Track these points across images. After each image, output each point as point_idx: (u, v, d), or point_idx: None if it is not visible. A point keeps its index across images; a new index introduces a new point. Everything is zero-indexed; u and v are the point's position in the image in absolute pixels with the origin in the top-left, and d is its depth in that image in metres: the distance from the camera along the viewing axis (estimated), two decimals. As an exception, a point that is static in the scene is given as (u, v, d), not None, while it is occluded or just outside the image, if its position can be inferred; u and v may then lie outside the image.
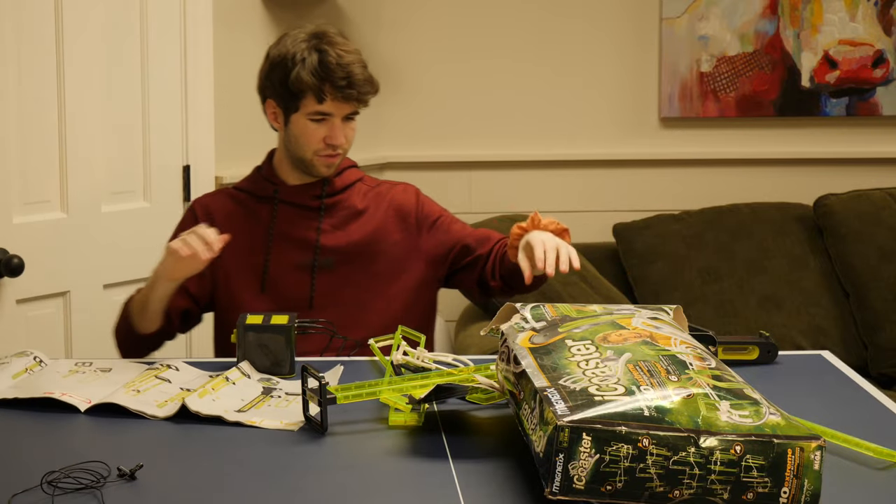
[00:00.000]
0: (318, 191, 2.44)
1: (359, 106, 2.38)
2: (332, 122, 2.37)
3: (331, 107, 2.35)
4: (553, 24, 3.96)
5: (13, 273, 2.54)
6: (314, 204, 2.44)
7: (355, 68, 2.34)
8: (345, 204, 2.46)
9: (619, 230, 3.84)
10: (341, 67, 2.32)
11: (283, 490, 1.59)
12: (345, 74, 2.33)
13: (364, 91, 2.35)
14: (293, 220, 2.44)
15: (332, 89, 2.33)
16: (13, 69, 2.56)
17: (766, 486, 1.44)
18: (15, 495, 1.53)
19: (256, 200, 2.46)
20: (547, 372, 1.60)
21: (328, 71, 2.32)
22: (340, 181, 2.46)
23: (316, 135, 2.38)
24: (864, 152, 4.03)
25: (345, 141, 2.39)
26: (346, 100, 2.34)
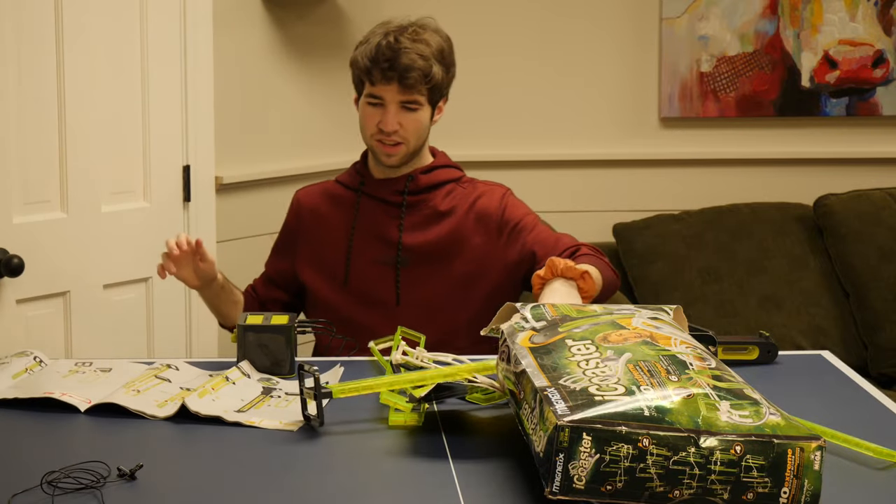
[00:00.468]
0: (401, 186, 2.45)
1: (409, 92, 2.37)
2: (386, 107, 2.38)
3: (381, 90, 2.37)
4: (553, 24, 3.96)
5: (13, 273, 2.54)
6: (396, 199, 2.45)
7: (405, 53, 2.34)
8: (428, 203, 2.46)
9: (619, 230, 3.84)
10: (391, 50, 2.34)
11: (283, 490, 1.59)
12: (390, 56, 2.34)
13: (407, 76, 2.34)
14: (376, 214, 2.46)
15: (377, 71, 2.35)
16: (13, 69, 2.56)
17: (766, 486, 1.44)
18: (15, 495, 1.53)
19: (346, 192, 2.51)
20: (547, 372, 1.60)
21: (378, 53, 2.35)
22: (426, 179, 2.47)
23: (371, 119, 2.40)
24: (864, 152, 4.03)
25: (399, 128, 2.38)
26: (389, 81, 2.35)
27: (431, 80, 2.38)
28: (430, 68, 2.37)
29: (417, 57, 2.35)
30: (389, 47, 2.35)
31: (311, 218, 2.51)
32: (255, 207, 3.43)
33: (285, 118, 3.57)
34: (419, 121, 2.40)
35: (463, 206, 2.47)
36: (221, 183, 3.24)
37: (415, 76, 2.35)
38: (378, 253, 2.44)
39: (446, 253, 2.44)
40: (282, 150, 3.57)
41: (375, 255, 2.44)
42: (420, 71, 2.35)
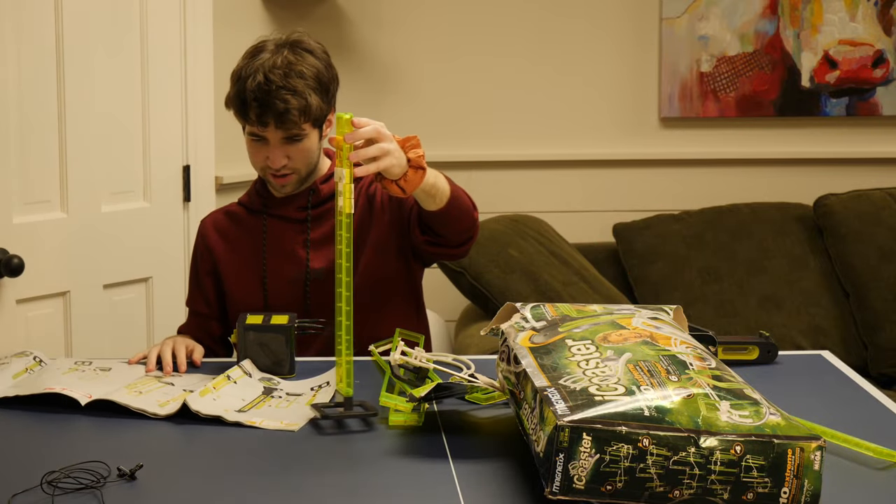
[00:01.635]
0: (303, 202, 2.39)
1: (289, 129, 2.24)
2: (270, 143, 2.28)
3: (259, 130, 2.27)
4: (553, 24, 3.96)
5: (13, 273, 2.54)
6: (300, 216, 2.39)
7: (277, 97, 2.21)
8: (332, 212, 2.37)
9: (619, 230, 3.84)
10: (262, 92, 2.21)
11: (283, 490, 1.59)
12: (263, 100, 2.21)
13: (286, 121, 2.22)
14: (283, 233, 2.39)
15: (253, 114, 2.23)
16: (13, 69, 2.56)
17: (766, 486, 1.44)
18: (15, 495, 1.53)
19: (249, 214, 2.44)
20: (547, 371, 1.61)
21: (248, 96, 2.23)
22: (327, 188, 2.39)
23: (258, 155, 2.31)
24: (864, 152, 4.03)
25: (287, 162, 2.29)
26: (265, 126, 2.25)
27: (311, 114, 2.24)
28: (305, 104, 2.23)
29: (290, 97, 2.21)
30: (260, 89, 2.21)
31: (221, 244, 2.43)
32: (255, 207, 3.42)
33: (285, 118, 3.57)
34: (307, 149, 2.30)
35: (358, 199, 2.39)
36: (221, 183, 3.24)
37: (292, 117, 2.21)
38: (290, 272, 2.38)
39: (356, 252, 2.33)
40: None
41: (288, 275, 2.38)
42: (296, 109, 2.21)
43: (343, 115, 1.84)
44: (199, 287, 2.46)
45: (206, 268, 2.44)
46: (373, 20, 3.87)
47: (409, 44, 3.93)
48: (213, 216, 2.51)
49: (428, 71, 3.94)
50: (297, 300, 2.37)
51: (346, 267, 1.85)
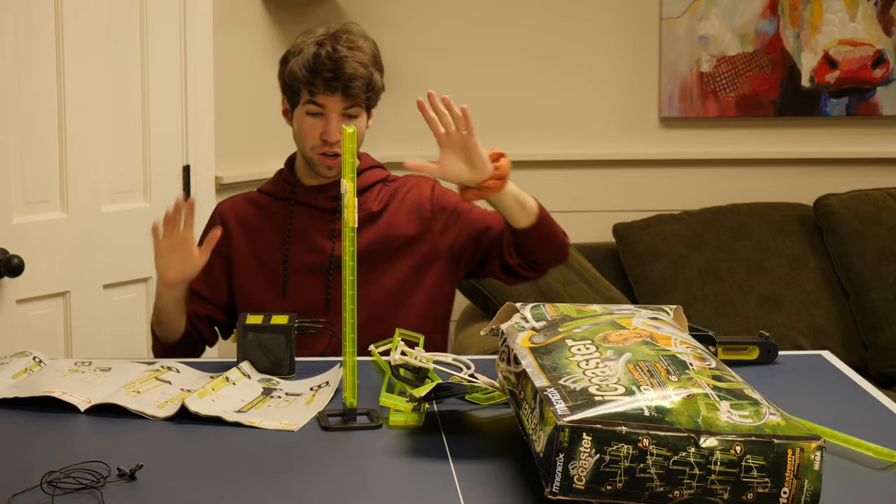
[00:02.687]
0: (334, 192, 2.43)
1: (352, 101, 2.34)
2: (328, 116, 2.35)
3: (323, 100, 2.34)
4: (553, 24, 3.96)
5: (13, 273, 2.54)
6: (329, 206, 2.43)
7: (347, 63, 2.31)
8: (362, 206, 2.43)
9: (619, 230, 3.84)
10: (332, 60, 2.31)
11: (283, 490, 1.59)
12: (332, 66, 2.31)
13: (352, 86, 2.31)
14: (309, 222, 2.43)
15: (320, 81, 2.32)
16: (13, 69, 2.56)
17: (766, 486, 1.44)
18: (15, 495, 1.53)
19: (274, 202, 2.46)
20: (547, 371, 1.61)
21: (318, 63, 2.31)
22: (359, 182, 2.43)
23: (312, 131, 2.37)
24: (864, 152, 4.03)
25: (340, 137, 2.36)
26: (333, 92, 2.32)
27: (373, 87, 2.36)
28: (371, 76, 2.35)
29: (359, 65, 2.32)
30: (329, 57, 2.31)
31: (240, 230, 2.45)
32: (255, 207, 3.43)
33: (285, 118, 3.57)
34: (359, 128, 2.38)
35: (394, 201, 2.46)
36: (221, 183, 3.24)
37: (358, 85, 2.32)
38: (312, 261, 2.41)
39: (385, 252, 2.42)
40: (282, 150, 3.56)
41: (310, 263, 2.41)
42: (363, 79, 2.33)
43: (347, 129, 1.84)
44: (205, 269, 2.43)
45: (218, 249, 2.42)
46: (373, 20, 3.87)
47: (409, 44, 3.93)
48: (233, 202, 2.51)
49: (428, 71, 3.94)
50: (316, 289, 2.38)
51: (350, 280, 1.85)
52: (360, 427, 1.84)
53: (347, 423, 1.85)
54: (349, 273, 1.85)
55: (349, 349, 1.85)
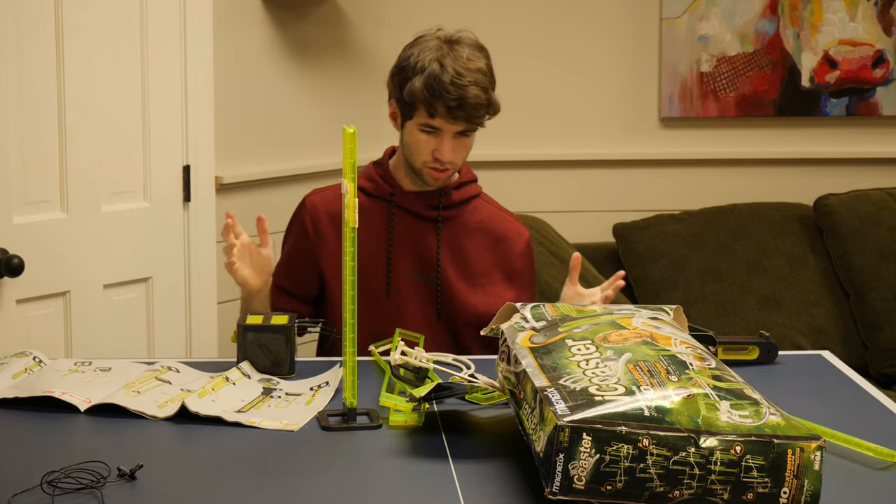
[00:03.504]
0: (435, 201, 2.42)
1: (471, 126, 2.34)
2: (442, 136, 2.33)
3: (441, 122, 2.31)
4: (553, 24, 3.96)
5: (13, 273, 2.54)
6: (431, 214, 2.42)
7: (470, 90, 2.28)
8: (459, 220, 2.44)
9: (619, 230, 3.84)
10: (455, 87, 2.28)
11: (283, 490, 1.59)
12: (458, 95, 2.28)
13: (475, 115, 2.30)
14: (411, 228, 2.41)
15: (442, 107, 2.29)
16: (13, 69, 2.56)
17: (766, 486, 1.44)
18: (15, 495, 1.53)
19: (370, 199, 2.44)
20: (547, 371, 1.61)
21: (442, 88, 2.28)
22: (458, 195, 2.45)
23: (426, 147, 2.34)
24: (864, 152, 4.03)
25: (453, 157, 2.34)
26: (455, 120, 2.30)
27: (493, 111, 2.35)
28: (491, 100, 2.33)
29: (481, 92, 2.30)
30: (453, 83, 2.28)
31: (331, 225, 2.43)
32: (255, 207, 3.42)
33: (285, 118, 3.57)
34: (470, 145, 2.39)
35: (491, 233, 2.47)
36: (221, 183, 3.24)
37: (480, 113, 2.32)
38: (417, 267, 2.41)
39: (477, 273, 2.44)
40: (282, 150, 3.57)
41: (414, 270, 2.41)
42: (485, 107, 2.32)
43: (348, 129, 1.84)
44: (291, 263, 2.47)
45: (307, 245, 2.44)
46: (373, 20, 3.87)
47: (409, 44, 3.93)
48: (324, 195, 2.48)
49: (428, 71, 3.93)
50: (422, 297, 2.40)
51: (350, 280, 1.85)
52: (360, 427, 1.84)
53: (347, 423, 1.85)
54: (349, 273, 1.85)
55: (349, 349, 1.85)
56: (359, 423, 1.86)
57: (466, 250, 2.44)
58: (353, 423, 1.85)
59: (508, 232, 2.50)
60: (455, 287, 2.42)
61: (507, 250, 2.48)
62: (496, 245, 2.47)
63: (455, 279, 2.42)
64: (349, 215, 1.83)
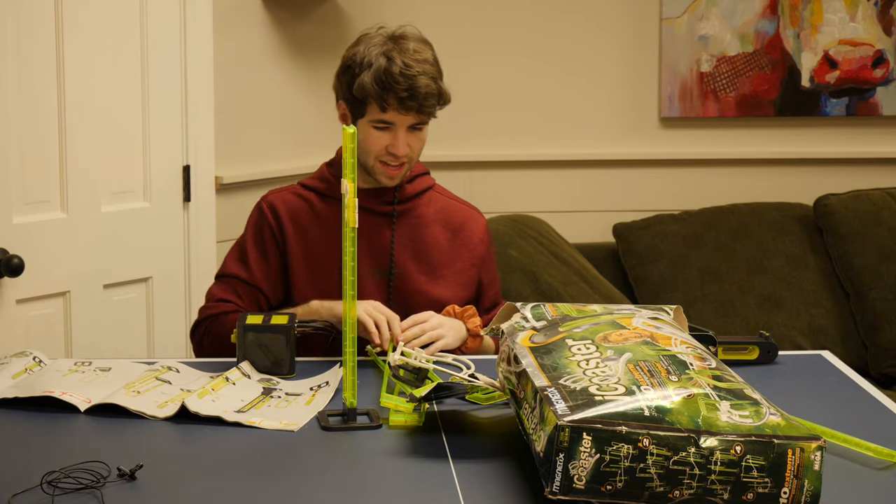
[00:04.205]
0: (389, 197, 2.42)
1: (423, 118, 2.34)
2: (395, 131, 2.32)
3: (393, 116, 2.31)
4: (553, 24, 3.96)
5: (13, 273, 2.54)
6: (385, 210, 2.42)
7: (420, 80, 2.28)
8: (414, 213, 2.44)
9: (619, 230, 3.84)
10: (405, 78, 2.28)
11: (283, 490, 1.59)
12: (408, 86, 2.28)
13: (426, 104, 2.30)
14: (365, 225, 2.38)
15: (394, 100, 2.29)
16: (13, 69, 2.56)
17: (766, 486, 1.44)
18: (15, 495, 1.53)
19: (323, 200, 2.43)
20: (547, 371, 1.60)
21: (392, 80, 2.28)
22: (412, 188, 2.44)
23: (379, 142, 2.34)
24: (864, 152, 4.03)
25: (408, 151, 2.34)
26: (408, 111, 2.30)
27: (444, 101, 2.36)
28: (440, 90, 2.34)
29: (431, 81, 2.31)
30: (402, 74, 2.28)
31: (290, 225, 2.41)
32: (255, 207, 3.43)
33: (285, 118, 3.57)
34: (424, 138, 2.39)
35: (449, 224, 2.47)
36: (221, 183, 3.24)
37: (432, 103, 2.32)
38: (371, 264, 2.40)
39: (438, 264, 2.44)
40: (282, 150, 3.57)
41: (371, 267, 2.40)
42: (434, 96, 2.32)
43: (347, 129, 1.84)
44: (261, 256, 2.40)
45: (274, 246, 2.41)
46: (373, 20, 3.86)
47: (409, 44, 3.92)
48: (281, 196, 2.45)
49: (428, 71, 3.93)
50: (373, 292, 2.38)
51: (350, 281, 1.85)
52: (360, 427, 1.84)
53: (347, 423, 1.85)
54: (349, 273, 1.85)
55: (349, 349, 1.85)
56: (359, 423, 1.86)
57: (426, 243, 2.44)
58: (353, 423, 1.85)
59: (466, 220, 2.50)
60: (415, 280, 2.41)
61: (467, 238, 2.48)
62: (455, 234, 2.47)
63: (415, 272, 2.41)
64: (349, 215, 1.83)
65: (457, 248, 2.47)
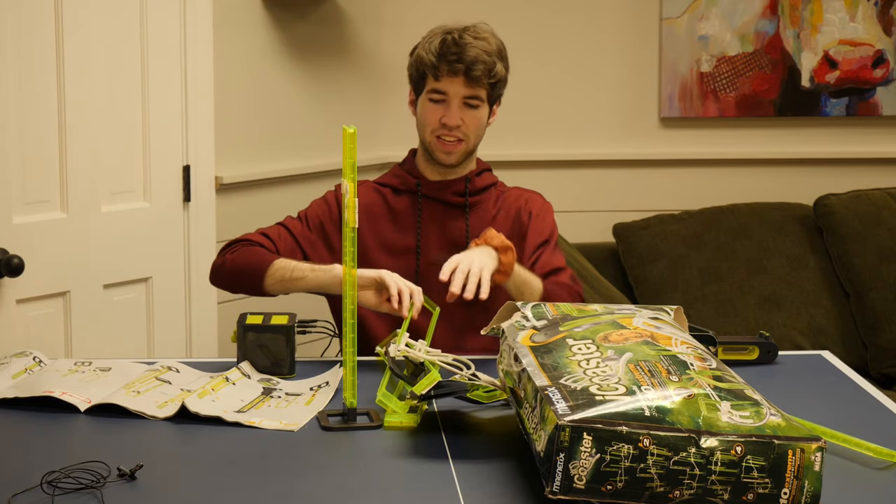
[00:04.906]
0: (460, 188, 2.48)
1: (474, 87, 2.39)
2: (450, 102, 2.40)
3: (446, 84, 2.39)
4: (553, 24, 3.96)
5: (13, 273, 2.54)
6: (458, 201, 2.47)
7: (471, 48, 2.38)
8: (484, 206, 2.49)
9: (619, 230, 3.84)
10: (457, 45, 2.38)
11: (283, 490, 1.59)
12: (457, 50, 2.38)
13: (475, 69, 2.37)
14: (437, 216, 2.46)
15: (444, 65, 2.38)
16: (13, 69, 2.56)
17: (766, 486, 1.44)
18: (15, 495, 1.53)
19: (396, 194, 2.49)
20: (548, 371, 1.60)
21: (445, 48, 2.39)
22: (481, 181, 2.51)
23: (434, 114, 2.42)
24: (864, 152, 4.03)
25: (461, 124, 2.40)
26: (455, 74, 2.38)
27: (495, 76, 2.42)
28: (494, 63, 2.41)
29: (482, 52, 2.39)
30: (455, 43, 2.39)
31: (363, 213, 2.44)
32: (255, 207, 3.43)
33: (285, 118, 3.57)
34: (479, 118, 2.44)
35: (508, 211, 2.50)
36: (221, 183, 3.24)
37: (481, 69, 2.38)
38: (447, 252, 2.41)
39: None
40: (282, 150, 3.57)
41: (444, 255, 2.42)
42: (485, 65, 2.39)
43: (347, 129, 1.84)
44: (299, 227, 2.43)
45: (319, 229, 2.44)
46: (373, 20, 3.87)
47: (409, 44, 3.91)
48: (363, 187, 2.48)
49: (428, 71, 3.93)
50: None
51: (350, 281, 1.85)
52: (360, 427, 1.84)
53: (347, 423, 1.85)
54: (350, 273, 1.85)
55: (349, 349, 1.85)
56: (359, 423, 1.86)
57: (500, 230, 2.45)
58: (353, 423, 1.85)
59: (526, 200, 2.54)
60: None
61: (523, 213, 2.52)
62: (517, 215, 2.51)
63: None
64: (349, 215, 1.83)
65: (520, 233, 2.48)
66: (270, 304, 2.41)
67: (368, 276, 2.20)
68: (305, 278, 2.29)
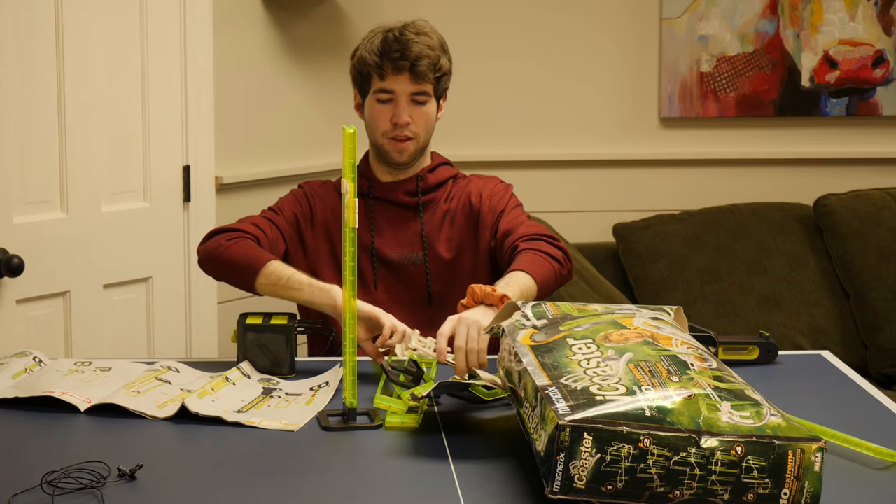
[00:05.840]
0: (412, 187, 2.46)
1: (420, 83, 2.38)
2: (398, 100, 2.39)
3: (392, 83, 2.38)
4: (553, 24, 3.96)
5: (13, 273, 2.54)
6: (411, 201, 2.46)
7: (413, 44, 2.36)
8: (437, 202, 2.48)
9: (619, 230, 3.84)
10: (398, 42, 2.37)
11: (283, 490, 1.59)
12: (399, 47, 2.36)
13: (419, 64, 2.36)
14: (392, 217, 2.45)
15: (388, 63, 2.37)
16: (14, 70, 2.56)
17: (766, 487, 1.44)
18: (15, 495, 1.53)
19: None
20: (548, 370, 1.60)
21: (387, 46, 2.37)
22: (434, 178, 2.49)
23: (383, 116, 2.40)
24: (864, 152, 4.03)
25: (410, 121, 2.39)
26: (400, 71, 2.36)
27: (441, 70, 2.41)
28: (438, 58, 2.40)
29: (425, 47, 2.38)
30: (397, 40, 2.37)
31: (325, 214, 2.46)
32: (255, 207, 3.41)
33: (285, 118, 3.57)
34: (428, 114, 2.42)
35: (460, 199, 2.48)
36: (221, 183, 3.24)
37: (426, 64, 2.37)
38: (401, 256, 2.43)
39: (462, 250, 2.45)
40: (282, 150, 3.57)
41: (400, 259, 2.43)
42: (430, 59, 2.38)
43: (347, 129, 1.84)
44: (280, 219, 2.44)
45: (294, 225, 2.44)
46: (373, 20, 3.86)
47: (409, 44, 3.93)
48: (322, 186, 2.51)
49: (428, 71, 3.93)
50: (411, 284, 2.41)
51: (350, 281, 1.85)
52: (360, 427, 1.84)
53: (347, 423, 1.85)
54: (349, 273, 1.85)
55: (349, 349, 1.85)
56: (359, 423, 1.86)
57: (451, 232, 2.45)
58: (353, 423, 1.85)
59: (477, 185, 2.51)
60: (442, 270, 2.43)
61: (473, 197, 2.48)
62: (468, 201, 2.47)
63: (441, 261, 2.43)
64: (349, 215, 1.83)
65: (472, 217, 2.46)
66: (270, 305, 2.41)
67: (365, 310, 2.15)
68: (301, 291, 2.24)
